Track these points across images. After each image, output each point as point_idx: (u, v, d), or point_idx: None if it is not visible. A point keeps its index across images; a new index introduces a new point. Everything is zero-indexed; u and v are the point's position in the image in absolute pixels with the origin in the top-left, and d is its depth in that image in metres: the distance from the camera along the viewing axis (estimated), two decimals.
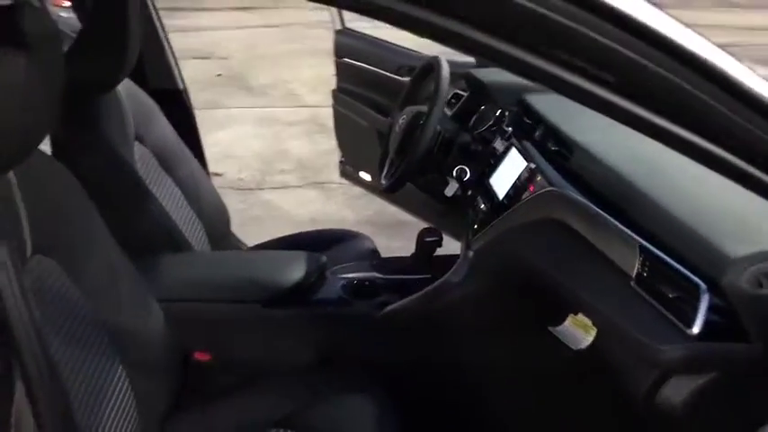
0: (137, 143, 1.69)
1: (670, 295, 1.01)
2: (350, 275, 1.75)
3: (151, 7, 2.01)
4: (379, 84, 2.45)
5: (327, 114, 2.76)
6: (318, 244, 1.96)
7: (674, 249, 1.04)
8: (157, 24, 2.05)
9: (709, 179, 0.74)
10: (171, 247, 1.69)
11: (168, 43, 2.11)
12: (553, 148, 1.46)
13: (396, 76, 2.41)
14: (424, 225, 2.05)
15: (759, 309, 0.90)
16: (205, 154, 2.27)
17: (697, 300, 0.95)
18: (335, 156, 2.86)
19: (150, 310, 1.32)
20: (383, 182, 1.91)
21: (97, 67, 1.50)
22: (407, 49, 2.48)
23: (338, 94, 2.62)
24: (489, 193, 1.63)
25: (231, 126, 4.81)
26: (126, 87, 1.69)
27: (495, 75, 1.88)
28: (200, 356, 1.57)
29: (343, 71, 2.60)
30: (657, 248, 1.06)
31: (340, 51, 2.60)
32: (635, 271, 1.09)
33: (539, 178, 1.42)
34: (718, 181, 0.70)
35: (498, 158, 1.68)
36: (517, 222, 1.45)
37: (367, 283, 1.73)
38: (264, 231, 2.32)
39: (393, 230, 2.98)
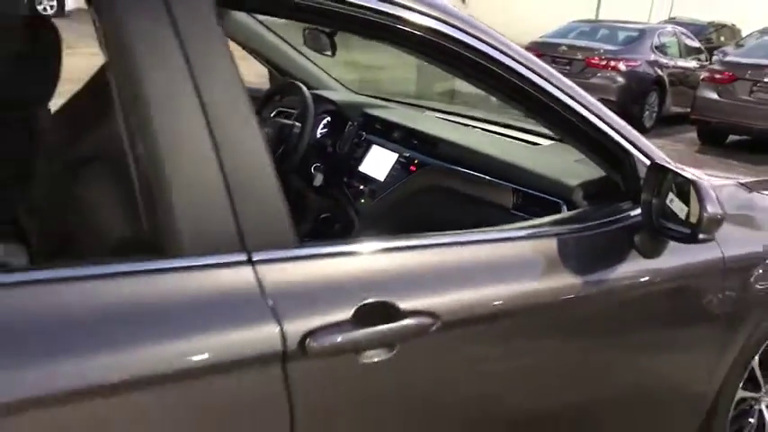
0: None
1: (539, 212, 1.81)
2: None
3: None
4: None
5: None
6: None
7: (531, 188, 1.85)
8: None
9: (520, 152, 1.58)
10: None
11: None
12: (415, 142, 2.20)
13: None
14: None
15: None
16: None
17: (559, 211, 1.76)
18: None
19: None
20: None
21: None
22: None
23: None
24: (366, 178, 2.30)
25: None
26: None
27: (338, 95, 2.54)
28: None
29: None
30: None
31: None
32: (511, 203, 1.87)
33: (416, 161, 2.15)
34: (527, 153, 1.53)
35: (361, 154, 2.36)
36: (408, 191, 2.15)
37: None
38: None
39: None
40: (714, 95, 8.55)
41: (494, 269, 1.37)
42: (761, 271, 1.86)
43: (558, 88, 1.48)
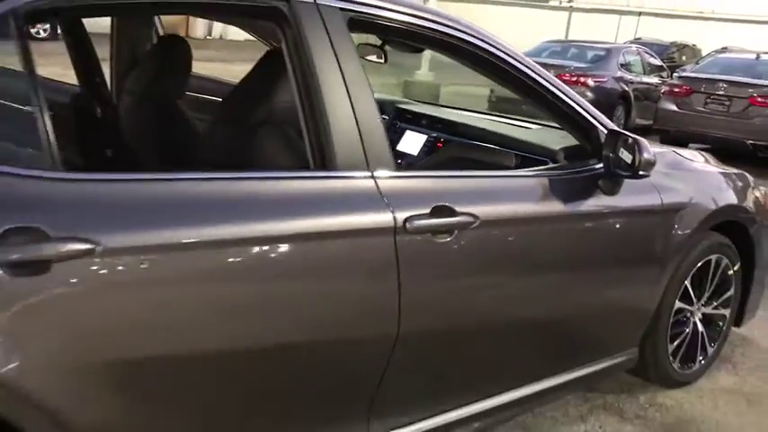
0: None
1: None
2: None
3: None
4: None
5: None
6: None
7: (526, 153, 2.64)
8: None
9: (518, 131, 2.42)
10: None
11: None
12: (439, 125, 2.99)
13: None
14: None
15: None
16: None
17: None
18: None
19: None
20: None
21: None
22: None
23: None
24: (404, 154, 3.07)
25: None
26: None
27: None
28: None
29: None
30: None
31: None
32: (513, 164, 2.65)
33: (442, 139, 2.94)
34: (523, 131, 2.38)
35: (397, 138, 3.13)
36: (436, 162, 2.93)
37: None
38: None
39: None
40: (674, 107, 9.52)
41: (509, 193, 2.17)
42: (687, 210, 2.66)
43: (549, 82, 2.28)
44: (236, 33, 21.99)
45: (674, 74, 12.35)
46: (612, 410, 2.80)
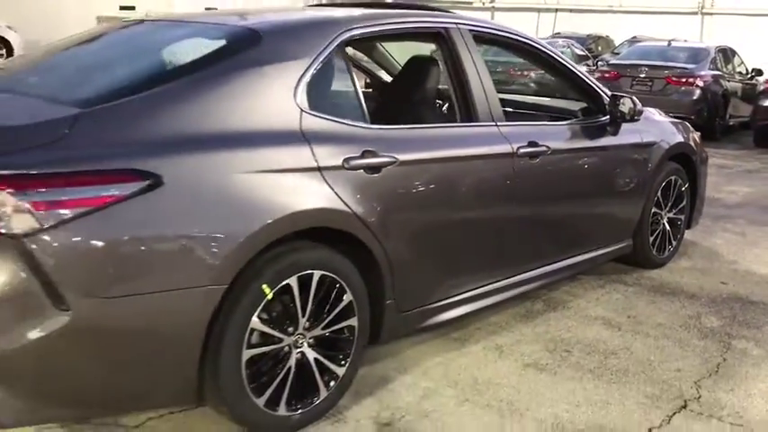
0: None
1: None
2: None
3: None
4: None
5: None
6: None
7: (557, 113, 4.08)
8: None
9: (548, 102, 3.94)
10: None
11: None
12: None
13: None
14: None
15: None
16: None
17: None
18: None
19: None
20: None
21: None
22: None
23: None
24: None
25: None
26: None
27: None
28: None
29: None
30: None
31: None
32: (560, 118, 4.06)
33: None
34: (552, 102, 3.95)
35: None
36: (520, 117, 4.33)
37: None
38: None
39: None
40: None
41: (563, 134, 3.59)
42: (656, 146, 4.15)
43: (572, 67, 3.71)
44: None
45: (598, 62, 14.18)
46: (618, 282, 4.24)
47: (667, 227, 4.49)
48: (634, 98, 3.78)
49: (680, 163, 4.44)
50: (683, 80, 10.60)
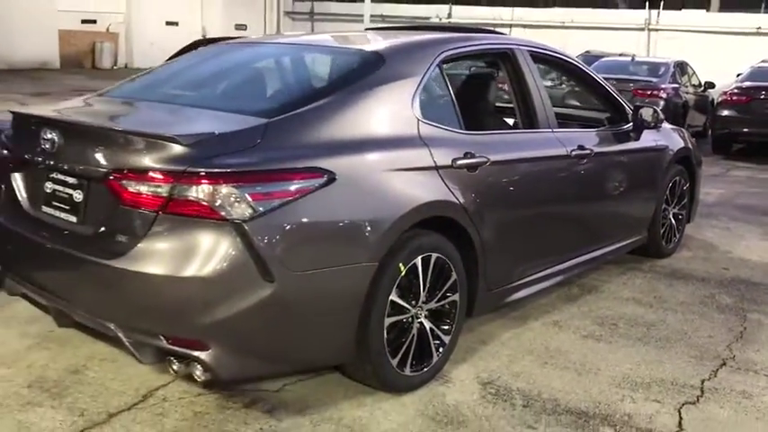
0: None
1: None
2: None
3: None
4: None
5: None
6: None
7: (588, 122, 4.68)
8: None
9: (581, 112, 4.59)
10: None
11: None
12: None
13: None
14: None
15: None
16: None
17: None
18: None
19: None
20: None
21: None
22: None
23: None
24: None
25: None
26: None
27: None
28: None
29: None
30: None
31: None
32: (594, 127, 4.64)
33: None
34: (583, 112, 4.63)
35: None
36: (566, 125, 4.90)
37: None
38: None
39: None
40: None
41: (599, 139, 4.15)
42: (665, 150, 4.77)
43: (602, 83, 4.30)
44: (140, 62, 22.93)
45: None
46: (636, 269, 4.83)
47: (673, 221, 5.11)
48: (656, 108, 4.38)
49: (682, 164, 5.07)
50: (648, 92, 11.43)
